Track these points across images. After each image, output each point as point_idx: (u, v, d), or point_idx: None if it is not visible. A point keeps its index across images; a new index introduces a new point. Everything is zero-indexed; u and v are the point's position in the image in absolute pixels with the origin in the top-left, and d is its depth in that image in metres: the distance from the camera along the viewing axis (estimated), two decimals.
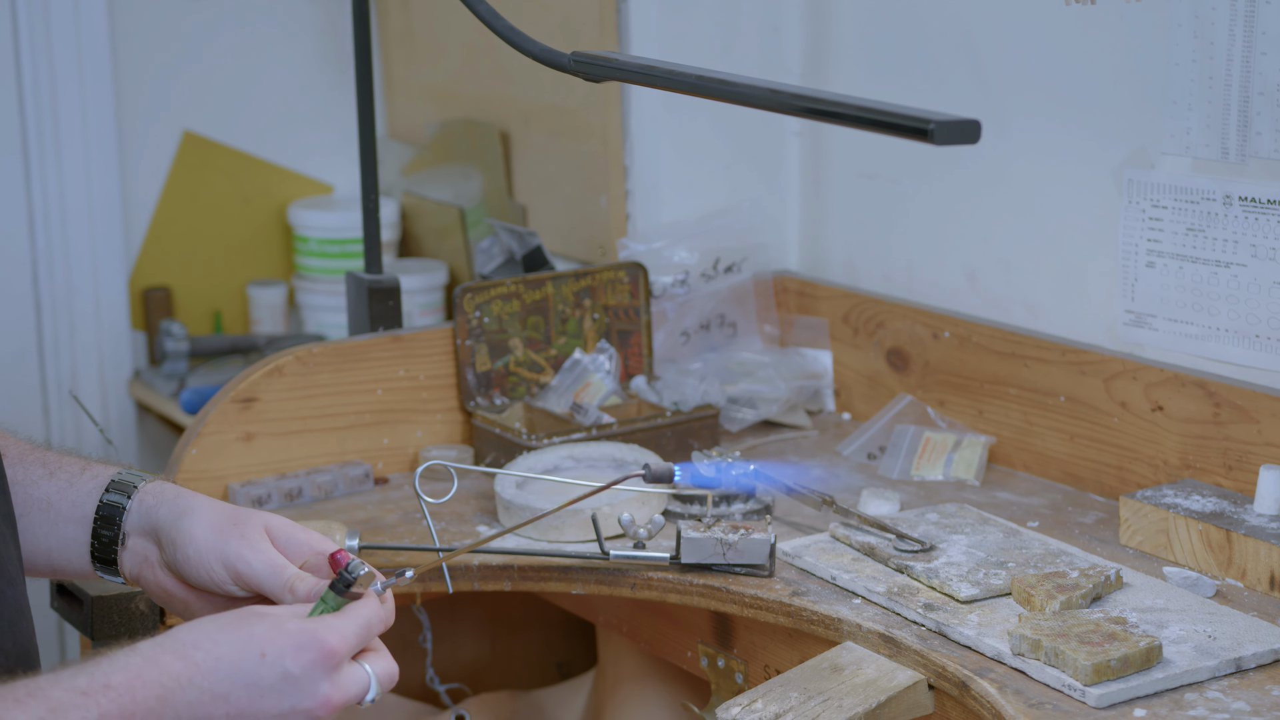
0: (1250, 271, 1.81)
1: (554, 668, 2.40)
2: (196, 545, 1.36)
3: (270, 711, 1.21)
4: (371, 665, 1.26)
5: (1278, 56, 1.75)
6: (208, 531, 1.36)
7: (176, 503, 1.39)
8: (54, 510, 1.42)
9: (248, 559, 1.35)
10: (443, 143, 2.78)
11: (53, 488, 1.42)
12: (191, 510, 1.38)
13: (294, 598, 1.33)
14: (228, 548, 1.35)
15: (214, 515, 1.38)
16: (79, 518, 1.41)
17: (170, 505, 1.39)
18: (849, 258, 2.31)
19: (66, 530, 1.42)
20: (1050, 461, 2.01)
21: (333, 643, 1.23)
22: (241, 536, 1.36)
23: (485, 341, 2.12)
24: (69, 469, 1.44)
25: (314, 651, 1.22)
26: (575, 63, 1.76)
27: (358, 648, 1.25)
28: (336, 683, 1.23)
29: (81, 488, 1.42)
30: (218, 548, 1.35)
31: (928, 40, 2.14)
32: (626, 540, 1.80)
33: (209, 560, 1.36)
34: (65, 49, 2.72)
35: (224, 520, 1.37)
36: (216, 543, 1.36)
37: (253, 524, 1.37)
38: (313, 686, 1.22)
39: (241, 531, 1.36)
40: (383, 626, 1.28)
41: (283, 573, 1.34)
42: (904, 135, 1.43)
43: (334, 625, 1.24)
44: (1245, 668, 1.50)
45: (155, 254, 2.88)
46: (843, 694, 1.55)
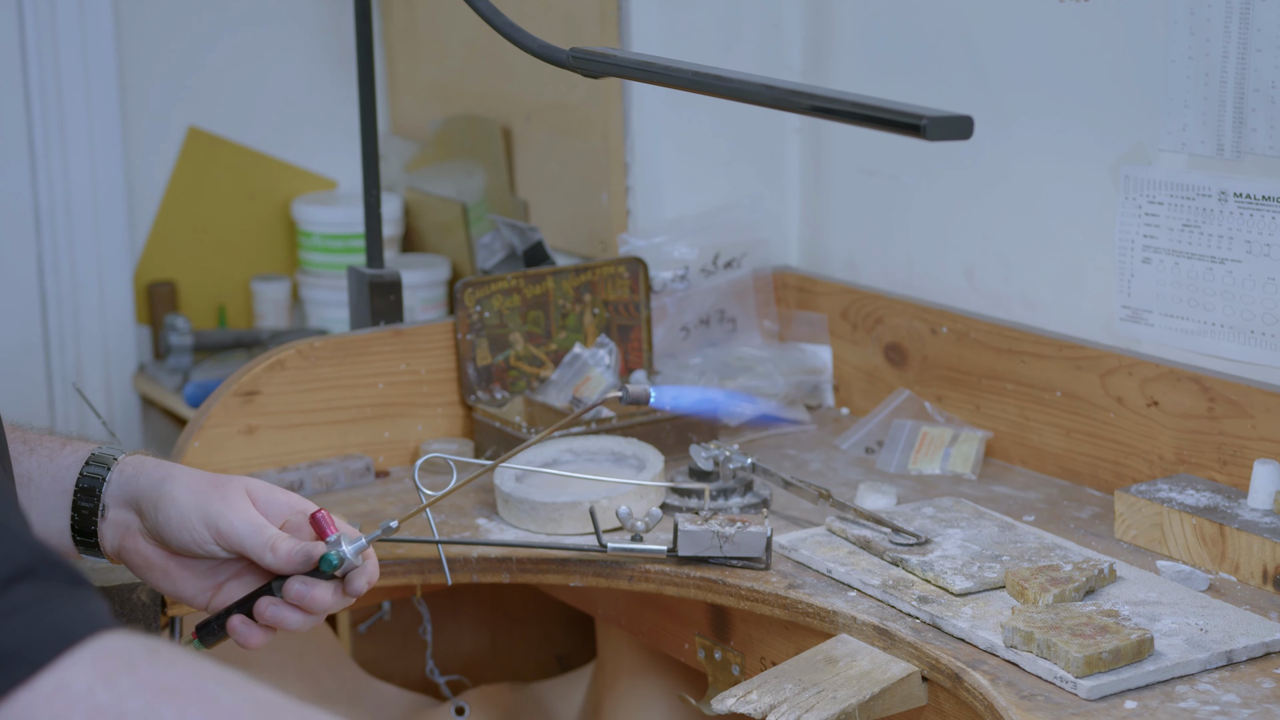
0: (1245, 267, 1.82)
1: (554, 660, 2.41)
2: (179, 506, 1.39)
3: None
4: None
5: (1273, 54, 1.76)
6: (188, 493, 1.39)
7: (157, 470, 1.42)
8: (34, 485, 1.44)
9: (229, 518, 1.38)
10: (445, 139, 2.80)
11: (33, 463, 1.44)
12: (172, 476, 1.41)
13: (274, 557, 1.38)
14: (209, 507, 1.39)
15: (194, 479, 1.41)
16: (59, 491, 1.43)
17: (150, 473, 1.42)
18: (849, 254, 2.32)
19: (47, 503, 1.44)
20: (1046, 456, 2.02)
21: None
22: (222, 498, 1.39)
23: (486, 336, 2.13)
24: (49, 445, 1.46)
25: None
26: (574, 59, 1.77)
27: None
28: None
29: (61, 462, 1.44)
30: (199, 507, 1.39)
31: (927, 38, 2.15)
32: (624, 533, 1.81)
33: (191, 520, 1.39)
34: (71, 45, 2.73)
35: (204, 483, 1.40)
36: (198, 503, 1.39)
37: (233, 486, 1.40)
38: None
39: (222, 493, 1.39)
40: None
41: (263, 532, 1.38)
42: (898, 131, 1.44)
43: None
44: (1236, 660, 1.51)
45: (160, 249, 2.90)
46: (837, 685, 1.57)
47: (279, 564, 1.38)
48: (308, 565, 1.38)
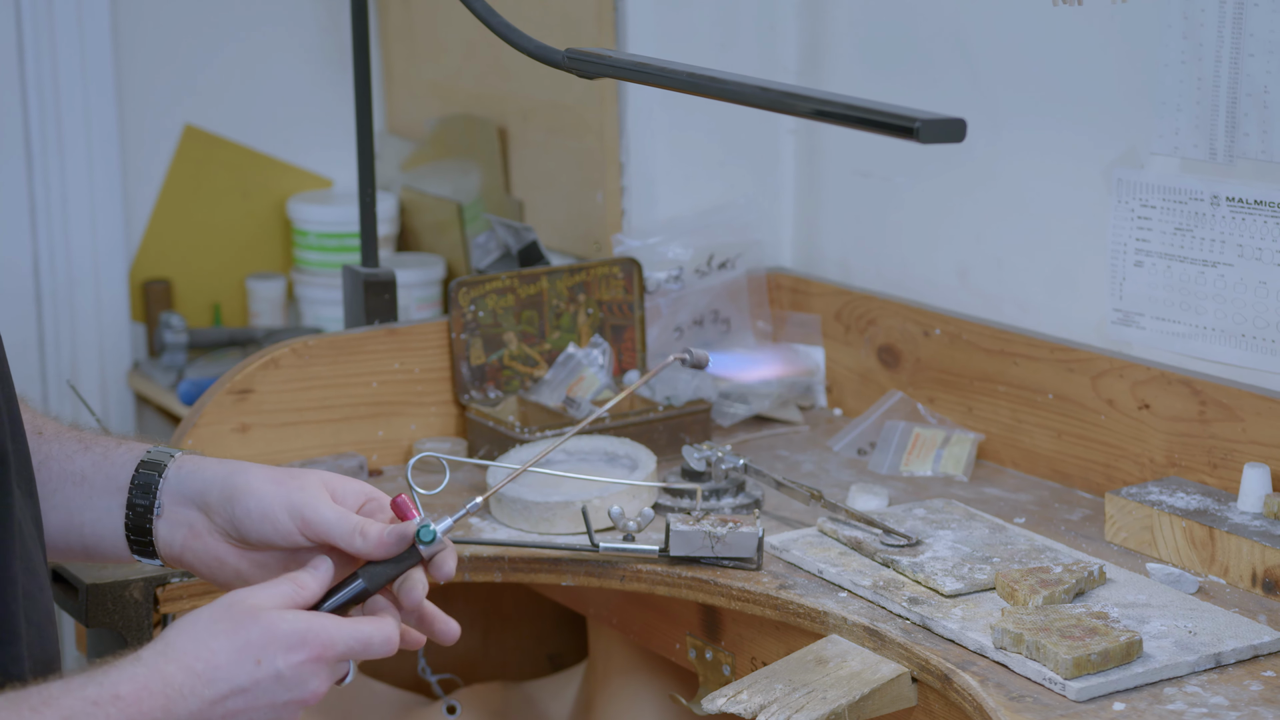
0: (1237, 271, 1.83)
1: (545, 659, 2.41)
2: (259, 498, 1.36)
3: (262, 705, 1.24)
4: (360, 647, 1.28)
5: (1265, 59, 1.77)
6: (268, 484, 1.36)
7: (221, 466, 1.39)
8: (88, 484, 1.41)
9: (314, 506, 1.34)
10: (441, 138, 2.80)
11: (87, 461, 1.42)
12: (243, 469, 1.38)
13: (364, 541, 1.33)
14: (293, 497, 1.35)
15: (270, 471, 1.38)
16: (114, 489, 1.41)
17: (213, 469, 1.39)
18: (842, 255, 2.32)
19: (100, 502, 1.41)
20: (1038, 458, 2.02)
21: (323, 648, 1.25)
22: (302, 488, 1.36)
23: (480, 335, 2.14)
24: (104, 444, 1.44)
25: (304, 653, 1.24)
26: (570, 60, 1.78)
27: (348, 658, 1.27)
28: (320, 686, 1.26)
29: (117, 460, 1.42)
30: (283, 498, 1.35)
31: (922, 40, 2.16)
32: (616, 533, 1.81)
33: (274, 511, 1.35)
34: (68, 43, 2.74)
35: (282, 474, 1.38)
36: (280, 493, 1.35)
37: (309, 478, 1.37)
38: (302, 684, 1.25)
39: (301, 484, 1.36)
40: (385, 648, 1.29)
41: (348, 519, 1.34)
42: (890, 133, 1.44)
43: (329, 630, 1.25)
44: (1225, 663, 1.52)
45: (156, 247, 2.90)
46: (827, 686, 1.57)
47: (369, 549, 1.33)
48: (401, 547, 1.34)
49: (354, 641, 1.27)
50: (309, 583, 1.29)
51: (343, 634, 1.26)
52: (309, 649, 1.24)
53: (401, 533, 1.34)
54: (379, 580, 1.33)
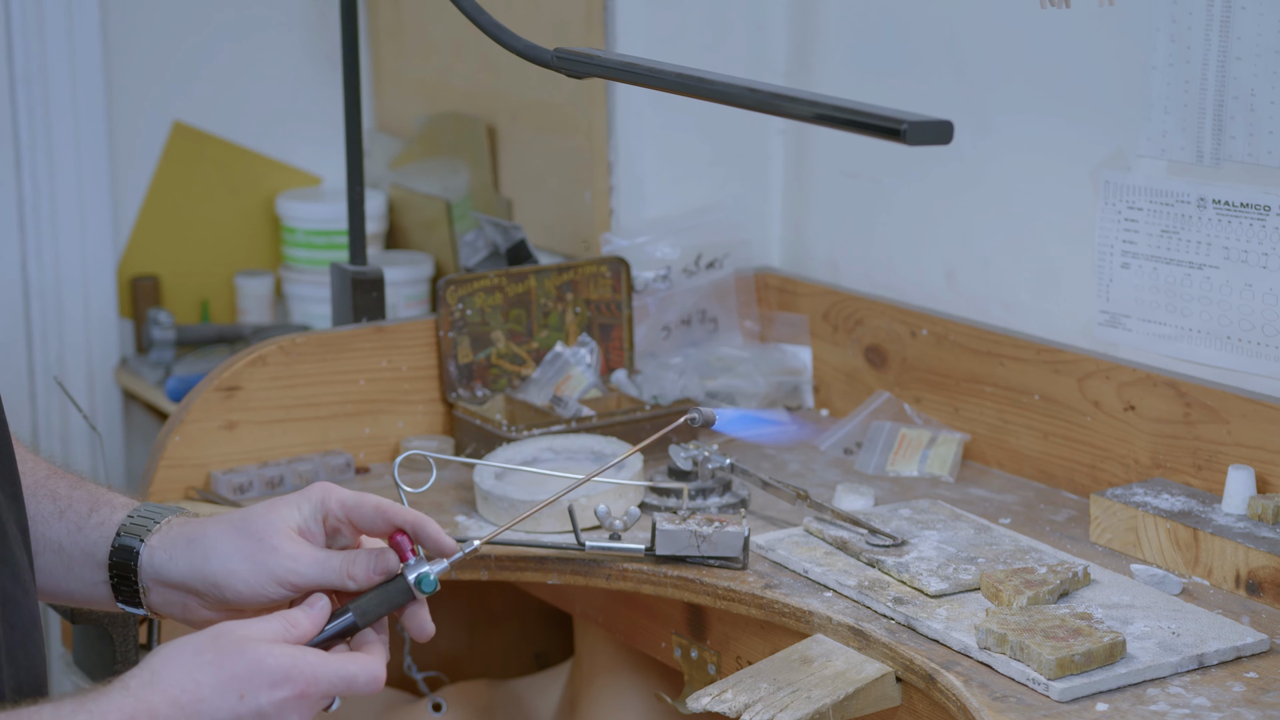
0: (1223, 273, 1.83)
1: (531, 658, 2.42)
2: (242, 579, 1.35)
3: None
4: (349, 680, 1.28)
5: (1253, 62, 1.78)
6: (243, 563, 1.35)
7: (190, 551, 1.37)
8: (67, 555, 1.41)
9: (295, 569, 1.34)
10: (430, 136, 2.80)
11: (63, 530, 1.41)
12: (213, 552, 1.36)
13: (356, 583, 1.33)
14: (272, 566, 1.34)
15: (235, 546, 1.35)
16: (93, 565, 1.40)
17: (185, 554, 1.37)
18: (830, 255, 2.33)
19: (85, 574, 1.41)
20: (1024, 459, 2.03)
21: (307, 685, 1.24)
22: (274, 549, 1.34)
23: (467, 334, 2.14)
24: (77, 509, 1.41)
25: (288, 689, 1.23)
26: (558, 59, 1.78)
27: (332, 695, 1.26)
28: (308, 714, 1.25)
29: (89, 535, 1.40)
30: (263, 571, 1.34)
31: (911, 41, 2.16)
32: (603, 531, 1.82)
33: (260, 587, 1.34)
34: (57, 39, 2.74)
35: (249, 544, 1.35)
36: (258, 570, 1.34)
37: (276, 534, 1.35)
38: (283, 718, 1.24)
39: (273, 544, 1.34)
40: (370, 686, 1.28)
41: (329, 564, 1.33)
42: (877, 135, 1.45)
43: (314, 667, 1.25)
44: (1208, 664, 1.53)
45: (144, 243, 2.90)
46: (811, 685, 1.57)
47: (363, 586, 1.33)
48: (389, 575, 1.34)
49: (338, 680, 1.26)
50: (302, 621, 1.29)
51: (327, 671, 1.25)
52: (293, 685, 1.23)
53: (386, 567, 1.34)
54: (369, 617, 1.32)
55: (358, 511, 1.36)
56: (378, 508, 1.36)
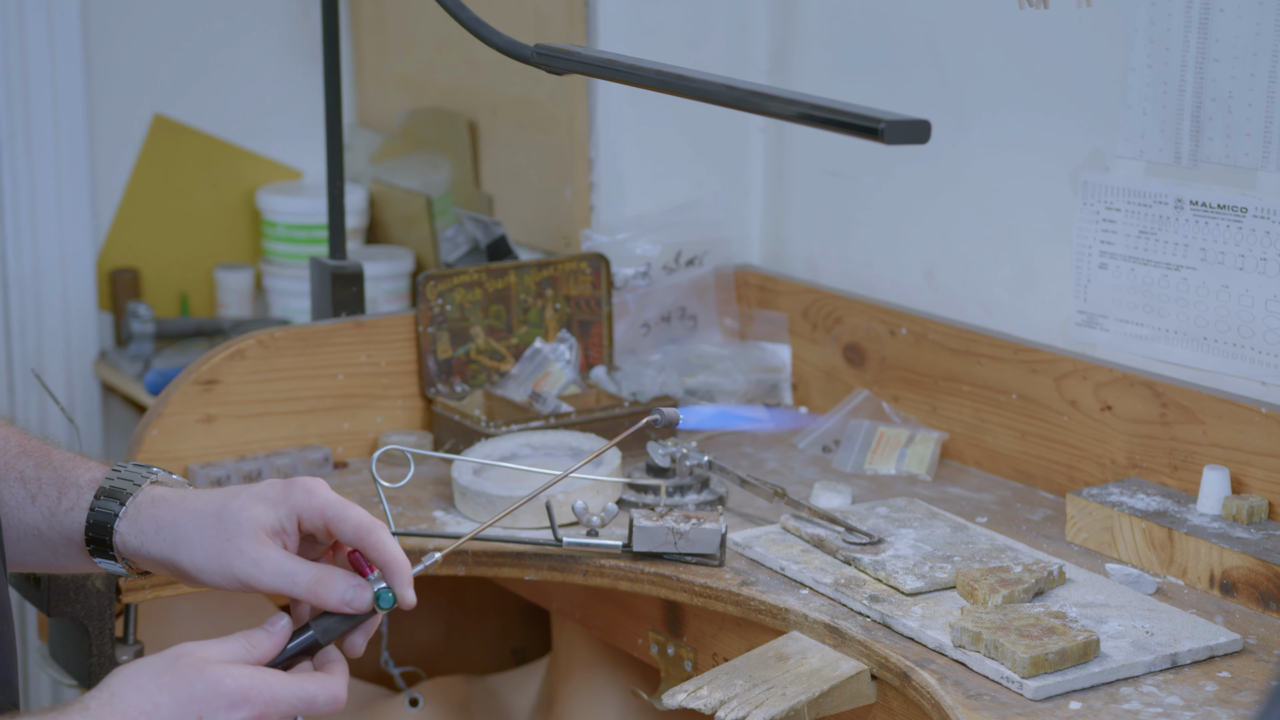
0: (1199, 275, 1.84)
1: (509, 653, 2.42)
2: (205, 573, 1.34)
3: None
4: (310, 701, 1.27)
5: (1230, 64, 1.78)
6: (208, 560, 1.33)
7: (159, 537, 1.36)
8: (46, 540, 1.41)
9: (257, 577, 1.32)
10: (412, 131, 2.80)
11: (38, 515, 1.40)
12: (180, 542, 1.35)
13: (321, 605, 1.31)
14: (235, 569, 1.33)
15: (204, 540, 1.34)
16: (74, 546, 1.40)
17: (155, 540, 1.36)
18: (810, 253, 2.33)
19: (70, 554, 1.41)
20: (1001, 458, 2.03)
21: (265, 706, 1.23)
22: (239, 553, 1.32)
23: (447, 329, 2.14)
24: (47, 493, 1.41)
25: (246, 711, 1.23)
26: (538, 55, 1.78)
27: (291, 715, 1.25)
28: None
29: (62, 520, 1.40)
30: (224, 572, 1.33)
31: (891, 40, 2.17)
32: (580, 528, 1.82)
33: (224, 583, 1.34)
34: (37, 31, 2.73)
35: (218, 542, 1.33)
36: (222, 569, 1.33)
37: (243, 534, 1.33)
38: None
39: (238, 547, 1.32)
40: (330, 706, 1.27)
41: (296, 580, 1.31)
42: (856, 134, 1.45)
43: (273, 688, 1.24)
44: (1181, 663, 1.53)
45: (124, 236, 2.89)
46: (787, 682, 1.58)
47: (332, 609, 1.31)
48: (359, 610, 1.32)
49: (298, 700, 1.25)
50: (262, 641, 1.28)
51: (287, 692, 1.25)
52: (252, 707, 1.23)
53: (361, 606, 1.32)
54: (331, 635, 1.31)
55: (337, 525, 1.33)
56: (357, 529, 1.32)
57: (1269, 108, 1.75)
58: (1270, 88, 1.75)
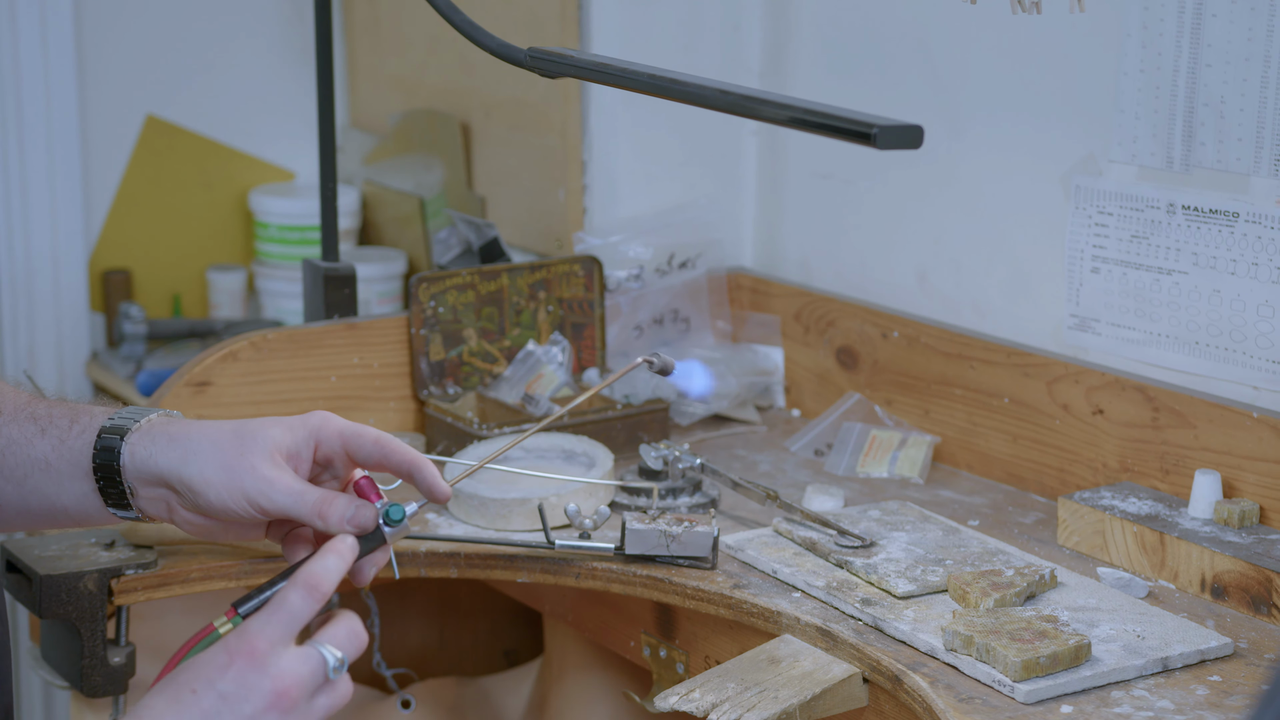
0: (1191, 279, 1.85)
1: (501, 655, 2.42)
2: (214, 489, 1.35)
3: None
4: (323, 640, 1.26)
5: (1222, 69, 1.79)
6: (219, 472, 1.34)
7: (171, 449, 1.37)
8: (54, 470, 1.40)
9: (268, 494, 1.34)
10: (404, 133, 2.80)
11: (47, 446, 1.40)
12: (192, 455, 1.36)
13: (324, 524, 1.33)
14: (245, 484, 1.34)
15: (217, 454, 1.35)
16: (81, 475, 1.39)
17: (166, 452, 1.37)
18: (803, 256, 2.33)
19: (74, 487, 1.40)
20: (993, 462, 2.04)
21: (248, 647, 1.23)
22: (252, 469, 1.34)
23: (439, 331, 2.14)
24: (59, 424, 1.41)
25: (231, 660, 1.22)
26: (532, 58, 1.78)
27: (285, 637, 1.24)
28: (278, 674, 1.22)
29: (72, 445, 1.40)
30: (234, 486, 1.34)
31: (885, 44, 2.17)
32: (572, 530, 1.82)
33: (230, 500, 1.35)
34: (30, 31, 2.73)
35: (231, 455, 1.35)
36: (232, 485, 1.34)
37: (258, 451, 1.35)
38: (251, 691, 1.22)
39: (251, 463, 1.34)
40: (308, 612, 1.26)
41: (304, 499, 1.33)
42: (849, 139, 1.45)
43: (248, 629, 1.24)
44: (1172, 667, 1.54)
45: (116, 236, 2.89)
46: (779, 685, 1.58)
47: (330, 529, 1.33)
48: (363, 531, 1.34)
49: (275, 622, 1.24)
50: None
51: (259, 624, 1.23)
52: (233, 654, 1.22)
53: (363, 525, 1.33)
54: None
55: (355, 442, 1.36)
56: (376, 441, 1.36)
57: (1261, 113, 1.76)
58: (1262, 93, 1.75)
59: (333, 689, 1.26)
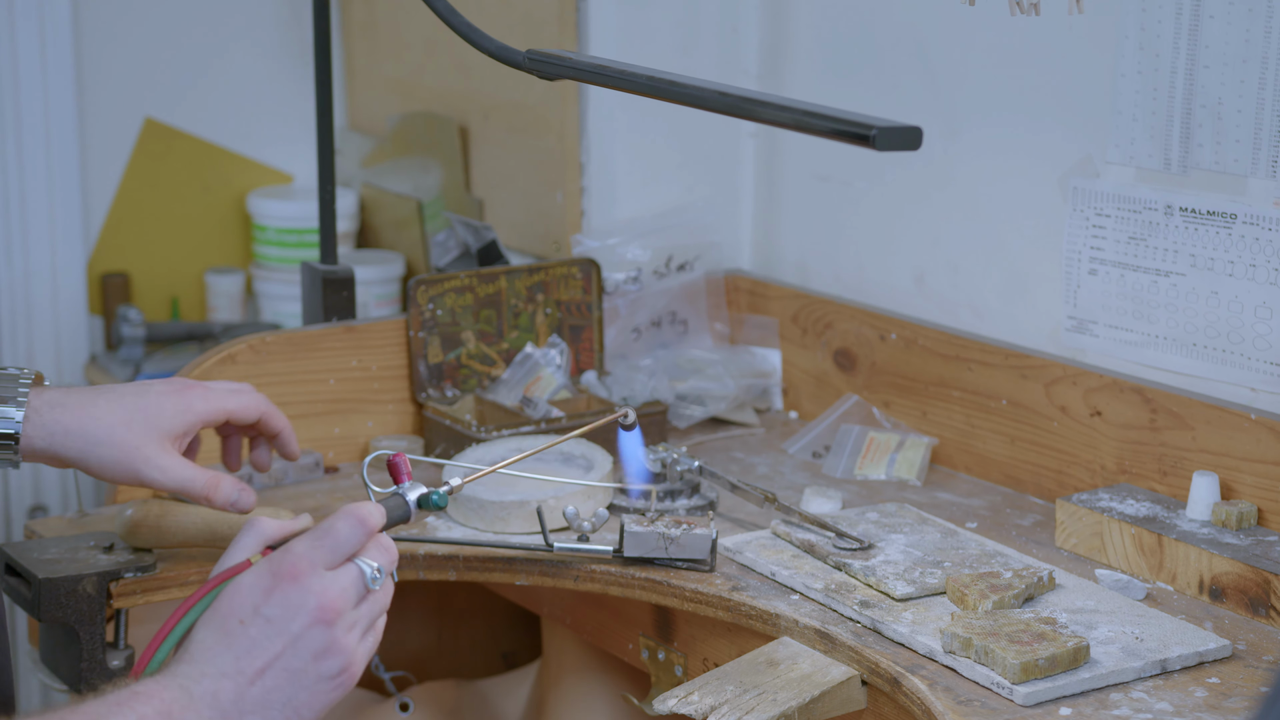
0: (1189, 281, 1.85)
1: (499, 658, 2.42)
2: (111, 473, 1.56)
3: (286, 653, 1.25)
4: (361, 557, 1.30)
5: (1220, 71, 1.79)
6: (115, 464, 1.55)
7: (68, 441, 1.54)
8: None
9: (159, 480, 1.56)
10: (403, 135, 2.80)
11: None
12: (91, 448, 1.54)
13: (211, 504, 1.58)
14: (140, 474, 1.56)
15: (114, 447, 1.54)
16: None
17: (64, 444, 1.54)
18: (800, 258, 2.33)
19: None
20: (991, 464, 2.04)
21: (288, 565, 1.26)
22: (146, 460, 1.55)
23: (438, 334, 2.14)
24: None
25: (275, 583, 1.25)
26: (530, 61, 1.78)
27: (327, 562, 1.28)
28: (321, 590, 1.26)
29: None
30: (131, 472, 1.56)
31: (882, 45, 2.17)
32: (571, 533, 1.82)
33: (126, 479, 1.57)
34: (28, 33, 2.73)
35: (128, 446, 1.55)
36: (128, 468, 1.55)
37: (151, 444, 1.56)
38: (297, 610, 1.25)
39: (145, 454, 1.55)
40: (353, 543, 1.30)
41: (194, 482, 1.57)
42: (847, 140, 1.45)
43: (292, 549, 1.28)
44: (1170, 669, 1.54)
45: (114, 240, 2.89)
46: (777, 688, 1.58)
47: (220, 506, 1.60)
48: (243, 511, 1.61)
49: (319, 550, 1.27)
50: None
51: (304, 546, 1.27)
52: (276, 577, 1.26)
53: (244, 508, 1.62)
54: None
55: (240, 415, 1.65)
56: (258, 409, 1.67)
57: (1258, 114, 1.76)
58: (1260, 94, 1.76)
59: (374, 597, 1.31)
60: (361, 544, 1.30)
